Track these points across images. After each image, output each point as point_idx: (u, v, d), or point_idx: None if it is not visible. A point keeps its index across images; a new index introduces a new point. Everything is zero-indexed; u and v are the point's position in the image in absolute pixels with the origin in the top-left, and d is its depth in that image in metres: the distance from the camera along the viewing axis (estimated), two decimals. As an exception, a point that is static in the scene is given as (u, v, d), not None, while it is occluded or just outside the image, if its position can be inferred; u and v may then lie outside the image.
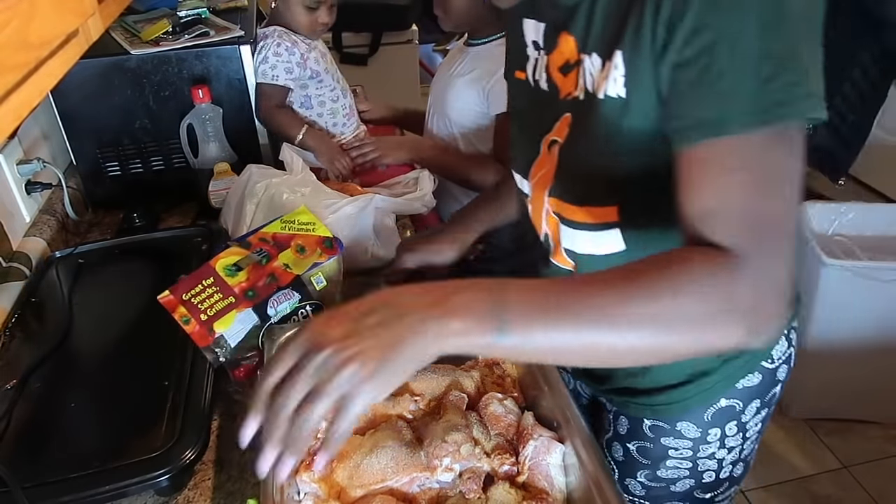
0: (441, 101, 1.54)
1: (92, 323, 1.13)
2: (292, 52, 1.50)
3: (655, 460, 0.93)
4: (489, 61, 1.44)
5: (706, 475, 0.92)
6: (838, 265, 1.83)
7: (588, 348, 0.56)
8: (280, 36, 1.50)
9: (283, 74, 1.50)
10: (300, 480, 0.77)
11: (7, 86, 0.58)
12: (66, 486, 0.81)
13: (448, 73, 1.53)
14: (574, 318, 0.55)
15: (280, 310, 0.96)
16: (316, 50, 1.57)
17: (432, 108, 1.60)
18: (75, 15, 0.77)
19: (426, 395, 0.87)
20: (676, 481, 0.93)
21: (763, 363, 0.86)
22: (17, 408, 0.94)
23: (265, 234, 1.01)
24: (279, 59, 1.49)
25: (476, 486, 0.74)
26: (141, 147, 1.50)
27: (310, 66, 1.54)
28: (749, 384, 0.86)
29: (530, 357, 0.61)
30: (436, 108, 1.58)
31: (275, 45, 1.49)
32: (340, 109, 1.63)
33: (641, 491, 0.96)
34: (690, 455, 0.90)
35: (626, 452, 0.95)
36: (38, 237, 1.31)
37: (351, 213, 1.23)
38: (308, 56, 1.53)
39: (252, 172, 1.32)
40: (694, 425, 0.88)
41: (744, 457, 0.93)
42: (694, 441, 0.89)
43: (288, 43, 1.49)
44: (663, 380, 0.86)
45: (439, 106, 1.56)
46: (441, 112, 1.55)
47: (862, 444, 2.05)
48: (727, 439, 0.89)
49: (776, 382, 0.89)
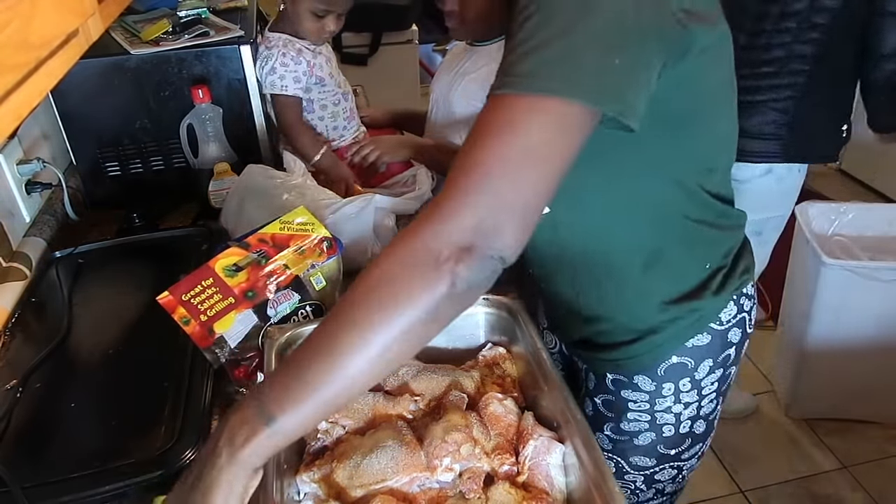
0: (446, 100, 1.54)
1: (92, 323, 1.13)
2: (298, 62, 1.50)
3: (618, 413, 0.99)
4: (493, 60, 1.44)
5: (665, 429, 0.98)
6: (838, 265, 1.83)
7: (347, 385, 0.61)
8: (285, 45, 1.50)
9: (292, 84, 1.50)
10: (300, 480, 0.78)
11: (7, 86, 0.58)
12: (66, 486, 0.81)
13: (452, 72, 1.53)
14: (315, 377, 0.60)
15: (280, 310, 0.96)
16: (321, 55, 1.57)
17: (435, 108, 1.60)
18: (75, 15, 0.77)
19: (426, 395, 0.87)
20: (638, 434, 0.99)
21: (711, 325, 0.92)
22: (17, 408, 0.94)
23: (264, 234, 1.01)
24: (286, 70, 1.49)
25: (476, 486, 0.74)
26: (141, 147, 1.50)
27: (315, 73, 1.54)
28: (699, 343, 0.92)
29: (316, 420, 0.67)
30: (440, 106, 1.58)
31: (280, 55, 1.48)
32: (341, 113, 1.63)
33: (609, 445, 1.02)
34: (648, 408, 0.96)
35: (594, 406, 1.02)
36: (38, 237, 1.31)
37: (351, 213, 1.23)
38: (314, 63, 1.53)
39: (252, 172, 1.32)
40: (649, 379, 0.94)
41: (703, 414, 0.98)
42: (650, 394, 0.95)
43: (293, 52, 1.50)
44: (616, 337, 0.93)
45: (444, 105, 1.56)
46: (446, 111, 1.55)
47: (862, 444, 2.05)
48: (682, 395, 0.95)
49: (729, 344, 0.94)
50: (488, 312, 0.95)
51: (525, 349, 0.89)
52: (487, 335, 0.97)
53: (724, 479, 1.98)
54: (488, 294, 0.94)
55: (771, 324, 2.50)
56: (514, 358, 0.93)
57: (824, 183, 3.35)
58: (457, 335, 0.96)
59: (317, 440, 0.83)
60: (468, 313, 0.94)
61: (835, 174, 3.46)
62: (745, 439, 2.10)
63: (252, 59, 1.47)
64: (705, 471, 2.00)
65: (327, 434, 0.83)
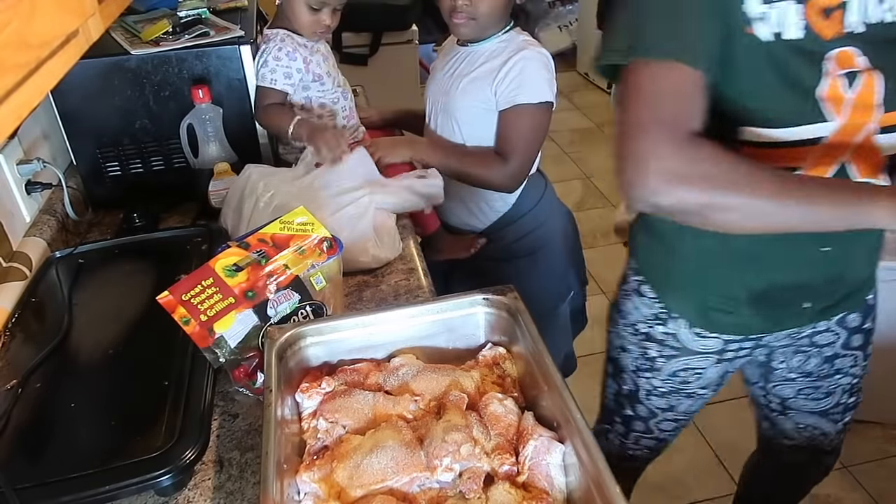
0: (445, 103, 1.54)
1: (92, 323, 1.13)
2: (293, 58, 1.49)
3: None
4: (491, 58, 1.44)
5: None
6: (838, 265, 1.82)
7: None
8: (282, 40, 1.49)
9: (282, 79, 1.50)
10: (300, 480, 0.78)
11: (7, 86, 0.58)
12: (65, 486, 0.81)
13: (448, 74, 1.53)
14: None
15: (280, 310, 0.96)
16: (318, 53, 1.57)
17: (433, 110, 1.60)
18: (75, 15, 0.77)
19: (426, 395, 0.87)
20: None
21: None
22: (16, 408, 0.94)
23: (264, 234, 1.01)
24: (279, 64, 1.48)
25: (476, 486, 0.74)
26: (141, 147, 1.50)
27: (312, 70, 1.53)
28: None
29: None
30: (438, 109, 1.58)
31: (276, 49, 1.48)
32: (340, 111, 1.63)
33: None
34: None
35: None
36: (38, 237, 1.31)
37: (351, 213, 1.23)
38: (311, 59, 1.53)
39: (251, 172, 1.32)
40: None
41: None
42: None
43: (289, 48, 1.49)
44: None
45: (443, 107, 1.55)
46: (447, 113, 1.55)
47: (862, 444, 2.05)
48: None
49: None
50: (488, 312, 0.95)
51: (525, 349, 0.89)
52: (487, 335, 0.97)
53: (725, 478, 1.98)
54: (488, 294, 0.94)
55: (771, 324, 2.50)
56: (514, 358, 0.93)
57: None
58: (457, 335, 0.96)
59: (317, 440, 0.83)
60: (468, 313, 0.95)
61: (835, 174, 3.46)
62: (745, 439, 2.10)
63: (252, 59, 1.47)
64: (705, 471, 2.00)
65: (327, 434, 0.83)
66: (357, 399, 0.86)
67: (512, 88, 1.41)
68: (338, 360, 0.94)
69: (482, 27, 1.43)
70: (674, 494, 1.93)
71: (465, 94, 1.48)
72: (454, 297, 0.96)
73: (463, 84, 1.48)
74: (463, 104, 1.50)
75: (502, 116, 1.45)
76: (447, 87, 1.52)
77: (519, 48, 1.42)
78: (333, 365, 0.94)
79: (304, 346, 0.92)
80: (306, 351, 0.92)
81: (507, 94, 1.41)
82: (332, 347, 0.93)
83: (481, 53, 1.47)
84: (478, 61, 1.47)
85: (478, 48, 1.48)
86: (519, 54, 1.41)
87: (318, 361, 0.93)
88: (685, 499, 1.93)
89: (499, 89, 1.43)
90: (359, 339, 0.94)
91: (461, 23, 1.40)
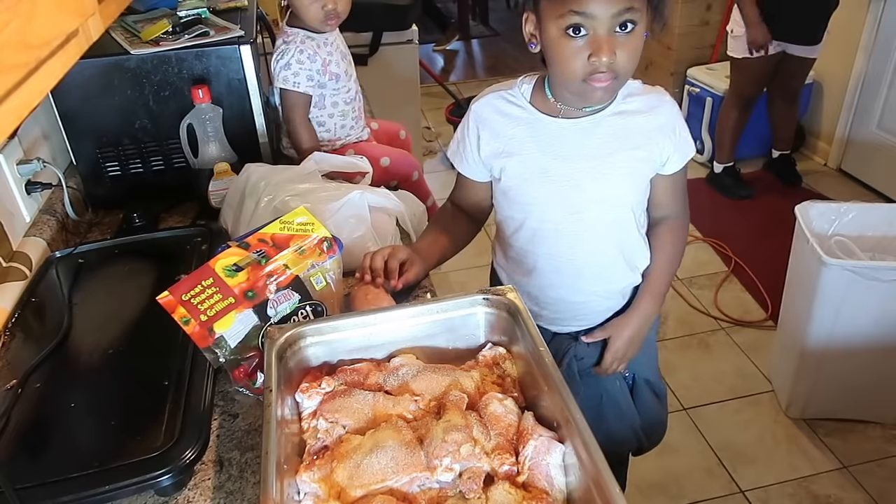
0: (580, 204, 1.17)
1: (92, 323, 1.13)
2: (314, 60, 1.50)
3: None
4: (637, 114, 1.15)
5: None
6: (838, 265, 1.82)
7: None
8: (303, 42, 1.50)
9: (305, 81, 1.51)
10: (300, 480, 0.77)
11: (7, 86, 0.58)
12: (65, 486, 0.81)
13: (583, 151, 1.14)
14: None
15: (280, 310, 0.96)
16: (338, 51, 1.57)
17: (540, 227, 1.21)
18: (75, 15, 0.77)
19: (426, 395, 0.87)
20: None
21: None
22: (16, 408, 0.94)
23: (264, 234, 1.01)
24: (301, 67, 1.49)
25: (476, 486, 0.74)
26: (141, 147, 1.50)
27: (330, 70, 1.54)
28: None
29: None
30: (559, 220, 1.19)
31: (298, 51, 1.49)
32: (350, 112, 1.63)
33: None
34: None
35: None
36: (38, 237, 1.31)
37: (351, 213, 1.23)
38: (329, 60, 1.54)
39: (251, 172, 1.32)
40: None
41: None
42: None
43: (310, 50, 1.50)
44: None
45: (575, 213, 1.18)
46: (582, 220, 1.19)
47: (862, 444, 2.05)
48: None
49: None
50: (488, 312, 0.95)
51: (525, 349, 0.89)
52: (487, 335, 0.97)
53: (725, 478, 1.98)
54: (488, 294, 0.94)
55: (771, 324, 2.50)
56: (514, 358, 0.93)
57: (824, 183, 3.35)
58: (457, 335, 0.96)
59: (317, 440, 0.83)
60: (468, 313, 0.95)
61: (835, 174, 3.46)
62: (744, 439, 2.10)
63: (252, 59, 1.47)
64: (705, 471, 2.00)
65: (327, 434, 0.83)
66: (357, 399, 0.86)
67: (686, 137, 1.17)
68: (338, 360, 0.94)
69: (620, 86, 1.09)
70: (674, 494, 1.93)
71: (627, 174, 1.14)
72: (454, 297, 0.96)
73: (616, 163, 1.12)
74: (626, 192, 1.17)
75: (681, 172, 1.20)
76: (575, 180, 1.13)
77: (646, 90, 1.14)
78: (333, 365, 0.94)
79: (304, 346, 0.92)
80: (306, 351, 0.92)
81: (685, 147, 1.17)
82: (332, 347, 0.93)
83: (614, 114, 1.12)
84: (621, 127, 1.12)
85: (606, 111, 1.12)
86: (656, 96, 1.14)
87: (318, 361, 0.93)
88: (685, 499, 1.93)
89: (678, 145, 1.15)
90: (359, 339, 0.94)
91: (604, 86, 1.02)
